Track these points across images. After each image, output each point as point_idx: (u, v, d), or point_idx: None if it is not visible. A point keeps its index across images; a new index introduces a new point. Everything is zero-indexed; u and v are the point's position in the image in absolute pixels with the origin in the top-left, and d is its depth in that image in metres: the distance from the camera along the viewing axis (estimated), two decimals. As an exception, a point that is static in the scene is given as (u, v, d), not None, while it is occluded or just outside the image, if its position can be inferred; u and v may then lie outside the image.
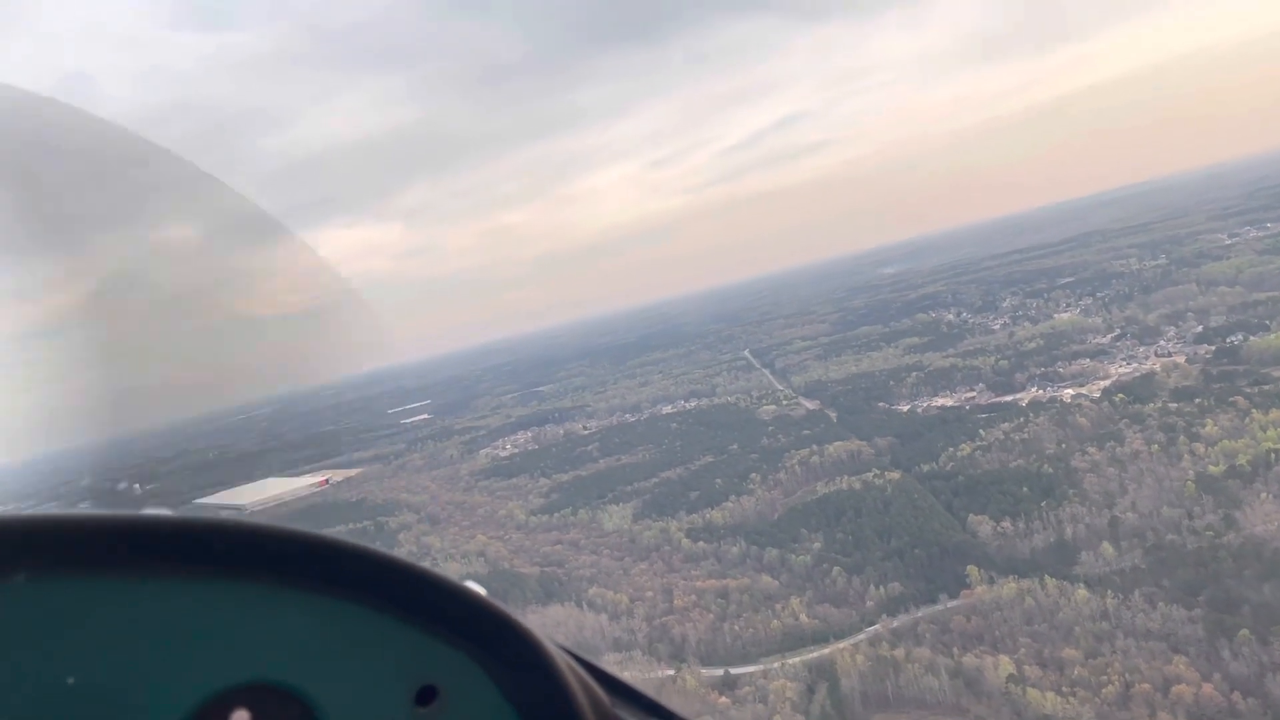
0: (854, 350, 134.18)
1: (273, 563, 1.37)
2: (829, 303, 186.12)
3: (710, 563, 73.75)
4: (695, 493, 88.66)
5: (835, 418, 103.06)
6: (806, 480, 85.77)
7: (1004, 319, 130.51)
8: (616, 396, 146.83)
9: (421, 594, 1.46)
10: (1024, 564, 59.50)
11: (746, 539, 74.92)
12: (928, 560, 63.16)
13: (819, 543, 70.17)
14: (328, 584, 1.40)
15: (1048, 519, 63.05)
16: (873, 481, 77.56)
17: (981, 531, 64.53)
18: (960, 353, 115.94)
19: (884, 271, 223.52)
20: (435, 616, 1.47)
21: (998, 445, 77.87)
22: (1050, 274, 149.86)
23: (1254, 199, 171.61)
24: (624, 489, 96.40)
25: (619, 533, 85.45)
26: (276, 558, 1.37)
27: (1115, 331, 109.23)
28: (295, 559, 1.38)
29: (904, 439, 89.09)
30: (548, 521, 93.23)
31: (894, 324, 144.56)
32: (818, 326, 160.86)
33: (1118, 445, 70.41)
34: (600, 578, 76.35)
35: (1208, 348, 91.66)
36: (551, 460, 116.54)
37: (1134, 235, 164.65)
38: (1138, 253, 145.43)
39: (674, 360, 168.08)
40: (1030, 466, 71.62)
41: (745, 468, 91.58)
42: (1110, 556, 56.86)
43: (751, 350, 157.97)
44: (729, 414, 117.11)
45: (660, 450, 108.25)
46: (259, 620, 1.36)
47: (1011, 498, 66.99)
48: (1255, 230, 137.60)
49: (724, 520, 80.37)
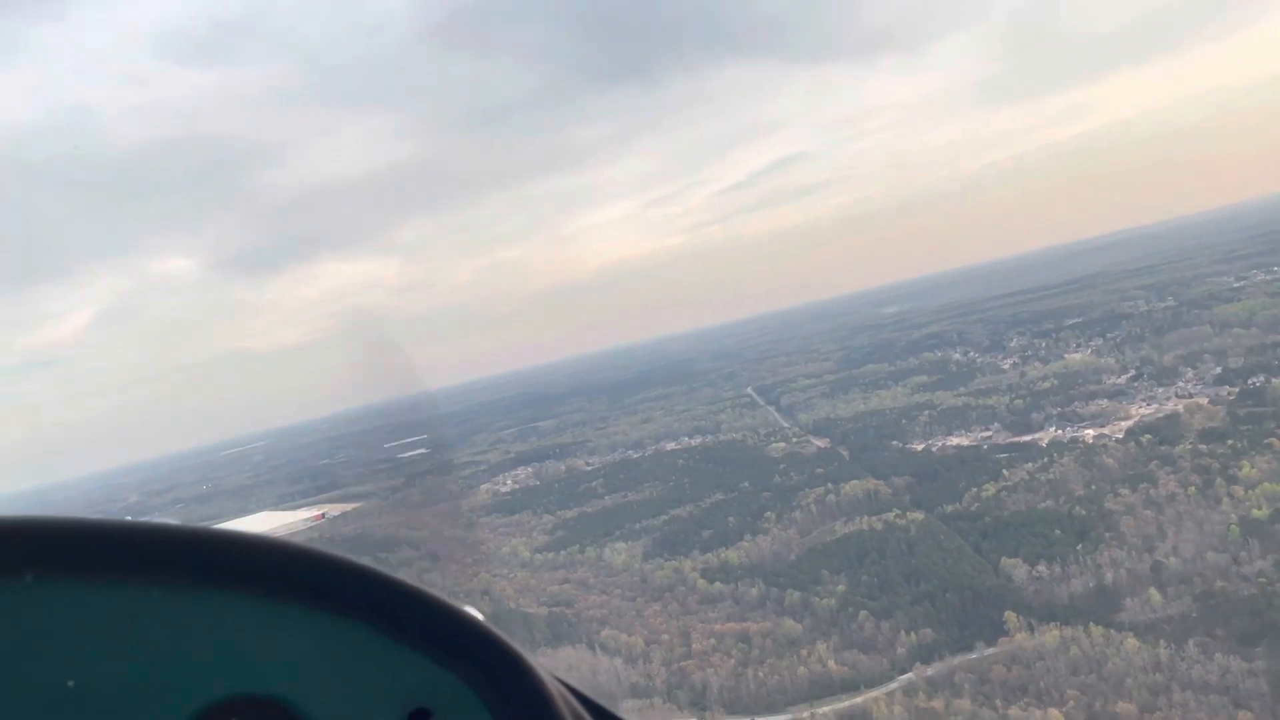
0: (861, 388, 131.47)
1: (274, 576, 1.36)
2: (832, 341, 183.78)
3: (728, 604, 70.51)
4: (708, 531, 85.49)
5: (848, 456, 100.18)
6: (823, 519, 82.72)
7: (1013, 358, 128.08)
8: (618, 433, 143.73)
9: (420, 616, 1.44)
10: (1064, 610, 56.48)
11: (765, 580, 71.74)
12: (960, 605, 60.05)
13: (843, 585, 67.02)
14: (328, 600, 1.39)
15: (1085, 563, 60.09)
16: (895, 522, 74.52)
17: (1016, 575, 61.50)
18: (972, 391, 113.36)
19: (885, 311, 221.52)
20: (432, 639, 1.45)
21: (1023, 486, 74.98)
22: (1057, 314, 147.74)
23: (1258, 243, 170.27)
24: (632, 526, 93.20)
25: (629, 572, 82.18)
26: (278, 571, 1.37)
27: (1130, 372, 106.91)
28: (297, 574, 1.37)
29: (922, 478, 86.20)
30: (554, 559, 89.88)
31: (900, 362, 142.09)
32: (822, 364, 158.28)
33: (1151, 487, 67.63)
34: (612, 619, 72.97)
35: (1229, 389, 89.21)
36: (555, 496, 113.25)
37: (1138, 277, 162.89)
38: (1145, 294, 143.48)
39: (675, 397, 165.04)
40: (1061, 508, 68.74)
41: (759, 506, 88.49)
42: (1157, 603, 53.88)
43: (755, 387, 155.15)
44: (737, 451, 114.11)
45: (667, 487, 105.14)
46: (257, 633, 1.36)
47: (1044, 540, 64.05)
48: (1263, 274, 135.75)
49: (740, 560, 77.19)
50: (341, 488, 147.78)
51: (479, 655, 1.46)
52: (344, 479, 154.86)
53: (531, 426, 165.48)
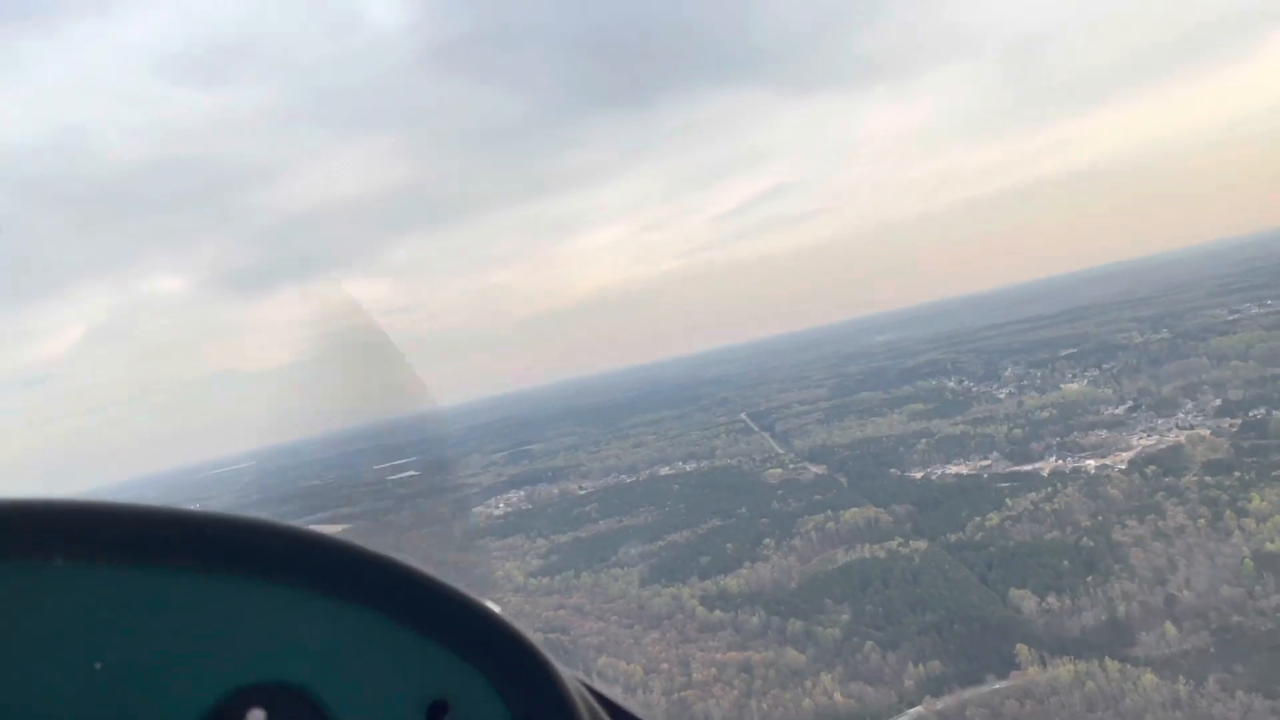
0: (856, 415, 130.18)
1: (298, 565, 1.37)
2: (824, 368, 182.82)
3: (729, 633, 68.74)
4: (706, 557, 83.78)
5: (846, 483, 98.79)
6: (824, 547, 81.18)
7: (1009, 388, 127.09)
8: (611, 457, 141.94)
9: (441, 608, 1.45)
10: (1075, 644, 55.01)
11: (766, 608, 70.04)
12: (969, 636, 58.48)
13: (847, 614, 65.39)
14: (350, 589, 1.40)
15: (1096, 595, 58.68)
16: (898, 550, 73.04)
17: (1025, 607, 59.99)
18: (969, 420, 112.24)
19: (877, 339, 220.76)
20: (453, 631, 1.46)
21: (1028, 515, 73.63)
22: (1051, 344, 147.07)
23: (1249, 277, 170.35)
24: (628, 552, 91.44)
25: (626, 598, 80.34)
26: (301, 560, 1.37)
27: (1128, 403, 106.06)
28: (320, 562, 1.38)
29: (923, 506, 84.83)
30: (548, 584, 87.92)
31: (894, 390, 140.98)
32: (816, 391, 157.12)
33: (1159, 519, 66.35)
34: (609, 646, 71.10)
35: (1231, 421, 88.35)
36: (548, 520, 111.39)
37: (1131, 309, 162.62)
38: (1138, 326, 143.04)
39: (668, 422, 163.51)
40: (1067, 539, 67.39)
41: (757, 533, 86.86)
42: (1173, 638, 52.46)
43: (748, 413, 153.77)
44: (732, 477, 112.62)
45: (663, 512, 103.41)
46: (281, 621, 1.36)
47: (1053, 571, 62.65)
48: (1257, 307, 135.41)
49: (740, 588, 75.48)
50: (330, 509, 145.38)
51: (497, 648, 1.47)
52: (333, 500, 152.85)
53: (523, 449, 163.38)
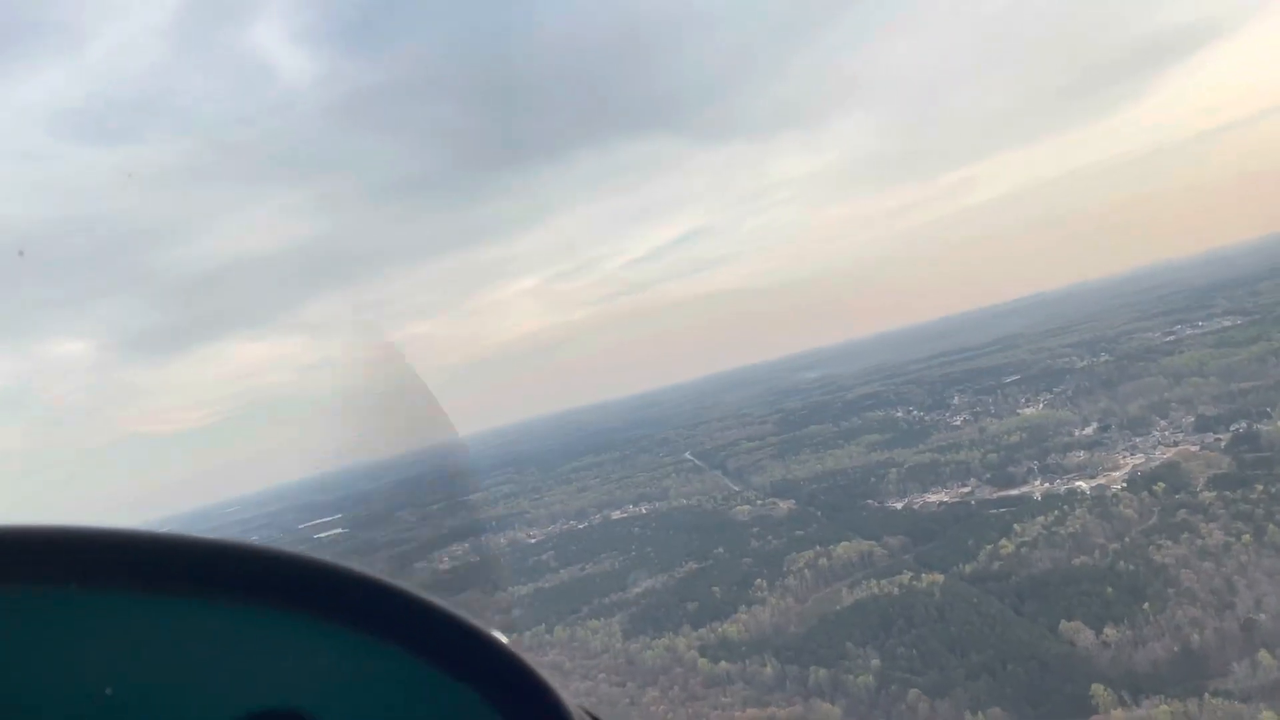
0: (811, 448, 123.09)
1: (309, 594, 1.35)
2: (761, 405, 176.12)
3: (740, 687, 59.69)
4: (693, 603, 74.63)
5: (823, 517, 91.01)
6: (820, 585, 72.97)
7: (963, 415, 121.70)
8: (556, 503, 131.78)
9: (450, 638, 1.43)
10: (1155, 679, 47.64)
11: (778, 656, 61.30)
12: (1026, 678, 50.65)
13: (876, 659, 57.02)
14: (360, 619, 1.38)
15: (1159, 624, 51.62)
16: (912, 585, 65.24)
17: (1081, 641, 52.50)
18: (933, 448, 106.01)
19: (805, 376, 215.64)
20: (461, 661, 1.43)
21: (1043, 541, 66.72)
22: (990, 373, 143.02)
23: (1163, 303, 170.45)
24: (601, 601, 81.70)
25: (610, 653, 70.68)
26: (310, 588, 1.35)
27: (1094, 424, 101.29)
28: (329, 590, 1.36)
29: (917, 538, 77.47)
30: (518, 641, 77.25)
31: (843, 423, 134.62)
32: (760, 427, 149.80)
33: (1195, 537, 60.05)
34: (603, 709, 61.00)
35: (1215, 436, 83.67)
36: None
37: (1058, 337, 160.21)
38: (1075, 351, 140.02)
39: (608, 465, 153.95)
40: (1099, 563, 60.56)
41: (743, 574, 78.18)
42: (1270, 666, 45.44)
43: (693, 452, 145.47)
44: (695, 517, 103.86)
45: (629, 557, 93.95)
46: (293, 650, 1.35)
47: (1099, 600, 55.49)
48: (1190, 329, 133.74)
49: (741, 635, 66.55)
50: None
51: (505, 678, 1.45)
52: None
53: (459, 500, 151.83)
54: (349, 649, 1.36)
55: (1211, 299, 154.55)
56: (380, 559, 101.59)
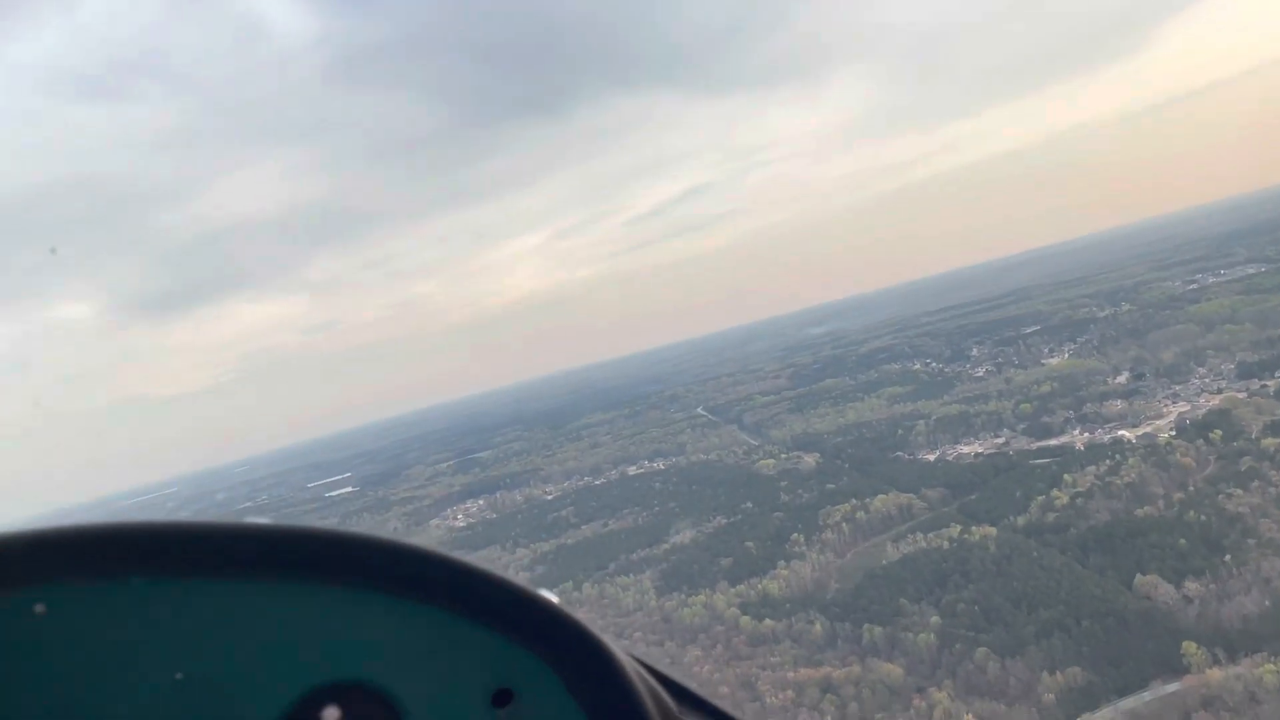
0: (830, 402, 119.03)
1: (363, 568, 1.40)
2: (772, 360, 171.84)
3: (788, 645, 55.92)
4: (727, 559, 70.85)
5: (853, 470, 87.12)
6: (860, 539, 69.26)
7: (985, 366, 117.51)
8: (569, 459, 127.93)
9: (500, 601, 1.47)
10: (1247, 636, 43.82)
11: (825, 614, 57.52)
12: (1104, 635, 46.84)
13: (935, 616, 53.21)
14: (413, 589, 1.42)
15: (1245, 576, 47.77)
16: (964, 539, 61.38)
17: (1160, 596, 48.65)
18: (960, 399, 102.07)
19: (812, 331, 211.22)
20: (512, 622, 1.48)
21: (1100, 492, 62.87)
22: (1008, 324, 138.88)
23: (1179, 253, 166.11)
24: (628, 558, 77.85)
25: (644, 610, 66.97)
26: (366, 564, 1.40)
27: (1126, 372, 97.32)
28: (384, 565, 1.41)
29: (956, 489, 73.62)
30: (564, 599, 73.66)
31: (860, 376, 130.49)
32: (774, 382, 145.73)
33: (1266, 485, 56.16)
34: (651, 655, 57.49)
35: (1260, 382, 79.65)
36: (521, 529, 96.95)
37: (1074, 288, 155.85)
38: (1094, 302, 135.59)
39: (619, 422, 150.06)
40: (1167, 514, 56.69)
41: (777, 528, 74.31)
42: (1382, 621, 41.71)
43: (706, 407, 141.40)
44: (717, 471, 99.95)
45: (652, 513, 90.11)
46: (351, 623, 1.40)
47: (1173, 552, 51.62)
48: (1212, 277, 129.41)
49: (783, 591, 62.79)
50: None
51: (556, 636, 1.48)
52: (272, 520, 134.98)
53: (470, 458, 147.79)
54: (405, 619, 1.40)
55: (1230, 248, 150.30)
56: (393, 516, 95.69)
